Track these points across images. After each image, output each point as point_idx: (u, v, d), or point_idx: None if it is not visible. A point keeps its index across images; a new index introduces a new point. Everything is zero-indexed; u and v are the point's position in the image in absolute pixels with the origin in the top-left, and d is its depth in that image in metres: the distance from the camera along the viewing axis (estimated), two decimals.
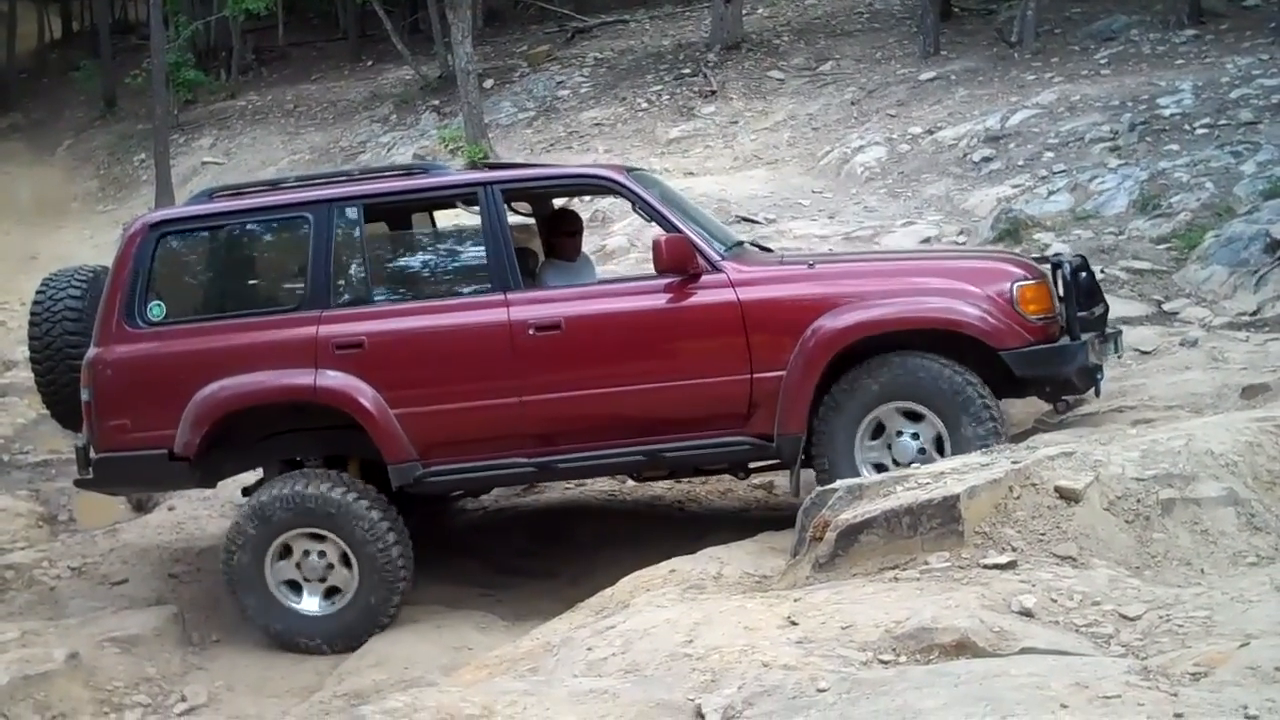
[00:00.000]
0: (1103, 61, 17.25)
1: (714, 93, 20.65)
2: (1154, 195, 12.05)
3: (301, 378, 7.08)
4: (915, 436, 6.81)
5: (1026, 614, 4.56)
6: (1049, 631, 4.43)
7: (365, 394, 7.00)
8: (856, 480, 5.87)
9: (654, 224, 7.23)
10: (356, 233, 7.29)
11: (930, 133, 15.90)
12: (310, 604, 7.21)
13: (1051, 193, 12.93)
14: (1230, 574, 4.92)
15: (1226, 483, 5.36)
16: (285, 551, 7.19)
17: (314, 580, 7.20)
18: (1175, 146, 13.10)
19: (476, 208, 7.28)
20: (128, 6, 42.04)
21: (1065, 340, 6.87)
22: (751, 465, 7.41)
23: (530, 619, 6.75)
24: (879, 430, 6.87)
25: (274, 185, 7.99)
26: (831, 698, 3.95)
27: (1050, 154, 13.97)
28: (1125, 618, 4.53)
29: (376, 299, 7.27)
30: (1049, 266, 7.21)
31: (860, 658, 4.37)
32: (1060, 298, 7.00)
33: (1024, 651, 4.23)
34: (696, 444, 7.00)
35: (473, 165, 8.07)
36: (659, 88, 21.65)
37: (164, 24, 26.07)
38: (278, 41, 33.14)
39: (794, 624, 4.74)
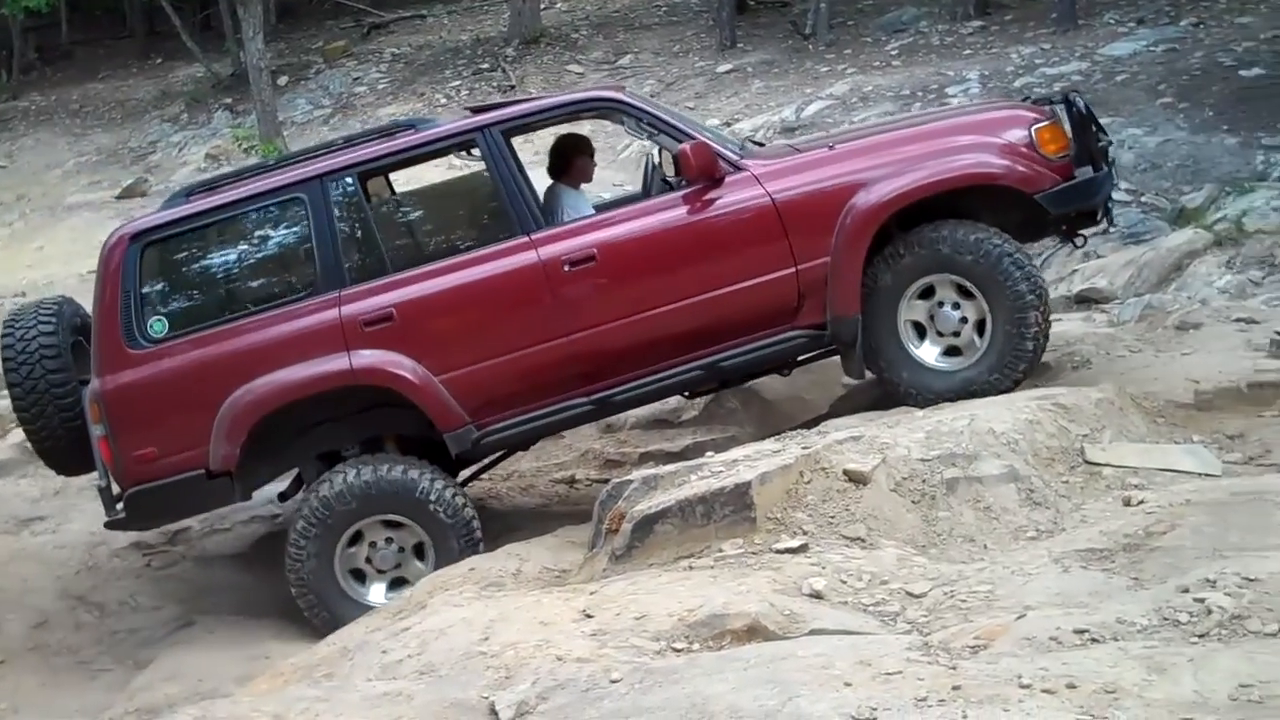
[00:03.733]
0: (893, 52, 17.68)
1: (513, 87, 20.58)
2: None
3: (335, 363, 6.74)
4: (951, 304, 6.80)
5: (816, 596, 4.64)
6: (838, 612, 4.51)
7: (406, 366, 6.72)
8: (652, 471, 5.89)
9: (662, 138, 7.11)
10: (357, 203, 7.04)
11: (728, 124, 16.07)
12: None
13: None
14: (1011, 548, 5.07)
15: (1007, 460, 5.53)
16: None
17: (387, 569, 6.87)
18: None
19: (477, 151, 7.07)
20: None
21: (1090, 171, 6.95)
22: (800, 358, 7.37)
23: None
24: (928, 292, 6.84)
25: (255, 171, 7.45)
26: (624, 688, 3.96)
27: None
28: (911, 595, 4.63)
29: (394, 267, 6.99)
30: (1060, 106, 7.23)
31: (654, 647, 4.39)
32: (1073, 133, 7.04)
33: (813, 633, 4.30)
34: (751, 347, 6.89)
35: (472, 111, 7.66)
36: (458, 83, 21.52)
37: None
38: (61, 40, 31.95)
39: (589, 617, 4.73)
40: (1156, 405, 6.62)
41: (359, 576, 6.87)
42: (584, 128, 8.83)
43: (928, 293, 6.83)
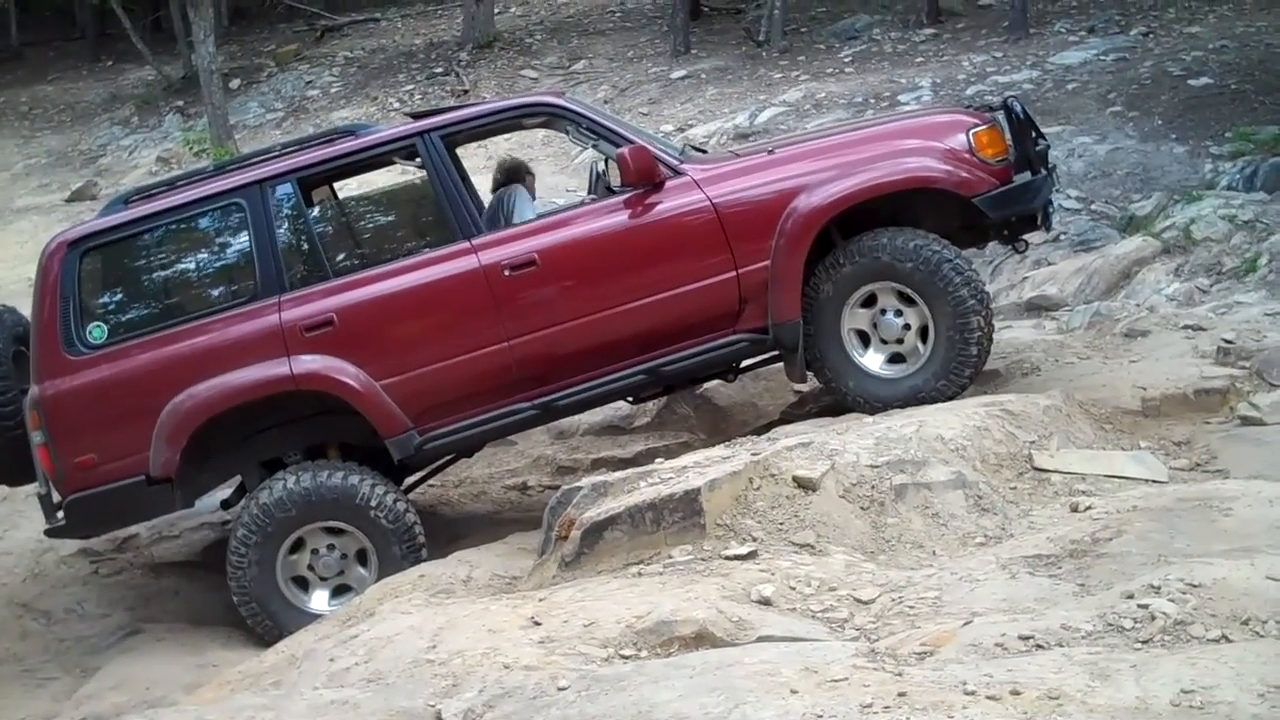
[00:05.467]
0: (847, 59, 17.73)
1: (466, 92, 20.52)
2: None
3: (276, 368, 6.70)
4: (894, 311, 6.80)
5: (765, 602, 4.64)
6: (786, 619, 4.51)
7: (347, 372, 6.69)
8: (602, 477, 5.88)
9: (601, 143, 7.11)
10: (297, 209, 7.00)
11: (682, 130, 16.09)
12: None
13: None
14: (959, 554, 5.09)
15: (956, 466, 5.55)
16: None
17: (330, 576, 6.84)
18: None
19: (417, 160, 7.08)
20: None
21: (1028, 176, 6.94)
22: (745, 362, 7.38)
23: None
24: (870, 300, 6.83)
25: (192, 178, 7.41)
26: (571, 696, 3.94)
27: None
28: (860, 601, 4.64)
29: (335, 273, 6.98)
30: (999, 111, 7.23)
31: (601, 654, 4.38)
32: (1012, 138, 7.04)
33: (761, 640, 4.30)
34: (693, 352, 6.86)
35: (413, 116, 7.64)
36: (411, 87, 21.44)
37: None
38: (11, 41, 31.69)
39: (537, 624, 4.72)
40: (1104, 412, 6.68)
41: (301, 584, 6.85)
42: (535, 135, 8.90)
43: (870, 301, 6.84)
